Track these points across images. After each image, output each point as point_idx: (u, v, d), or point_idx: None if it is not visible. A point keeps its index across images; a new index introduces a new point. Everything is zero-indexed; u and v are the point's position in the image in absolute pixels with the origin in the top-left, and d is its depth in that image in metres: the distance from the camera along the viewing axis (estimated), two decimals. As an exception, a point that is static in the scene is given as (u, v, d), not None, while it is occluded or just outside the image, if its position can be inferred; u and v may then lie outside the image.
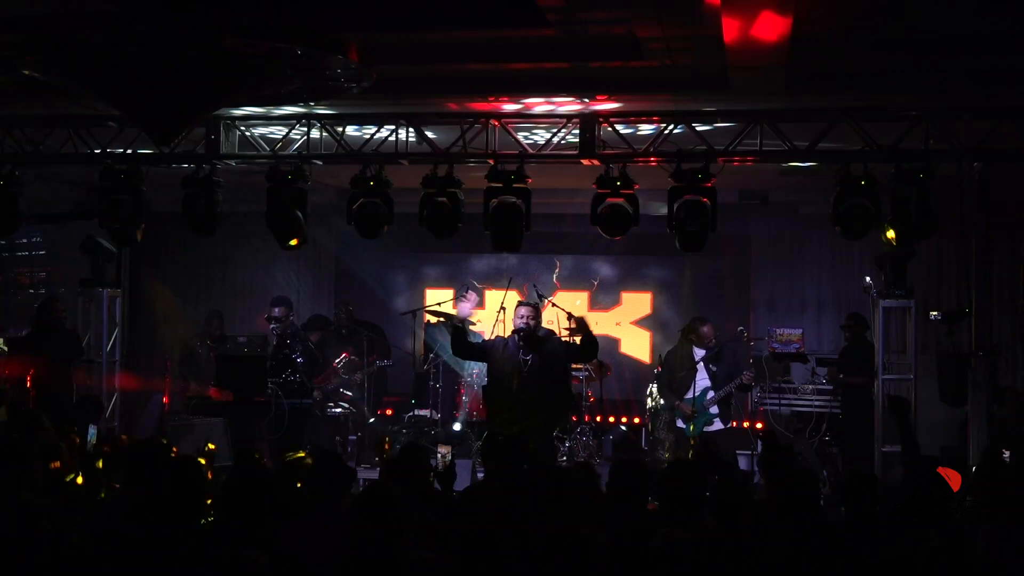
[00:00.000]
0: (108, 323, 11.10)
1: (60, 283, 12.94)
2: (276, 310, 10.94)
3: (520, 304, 9.06)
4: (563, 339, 9.21)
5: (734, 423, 11.02)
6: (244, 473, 5.05)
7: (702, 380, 10.09)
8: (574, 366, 11.10)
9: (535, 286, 12.16)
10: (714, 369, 10.08)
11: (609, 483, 5.56)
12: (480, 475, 8.93)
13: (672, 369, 10.44)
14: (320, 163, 9.82)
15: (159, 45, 6.37)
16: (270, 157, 9.72)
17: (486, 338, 9.87)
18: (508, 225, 9.22)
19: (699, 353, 10.14)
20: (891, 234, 8.76)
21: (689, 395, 10.05)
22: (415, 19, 7.31)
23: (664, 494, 5.26)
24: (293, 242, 9.60)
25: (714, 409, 10.08)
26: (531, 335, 8.66)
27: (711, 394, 10.01)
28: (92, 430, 8.78)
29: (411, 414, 11.80)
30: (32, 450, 5.59)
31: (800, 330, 12.20)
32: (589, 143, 9.24)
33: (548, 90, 8.73)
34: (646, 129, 9.47)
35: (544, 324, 11.68)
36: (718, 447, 9.70)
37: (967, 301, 9.10)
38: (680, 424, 10.26)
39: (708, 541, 4.60)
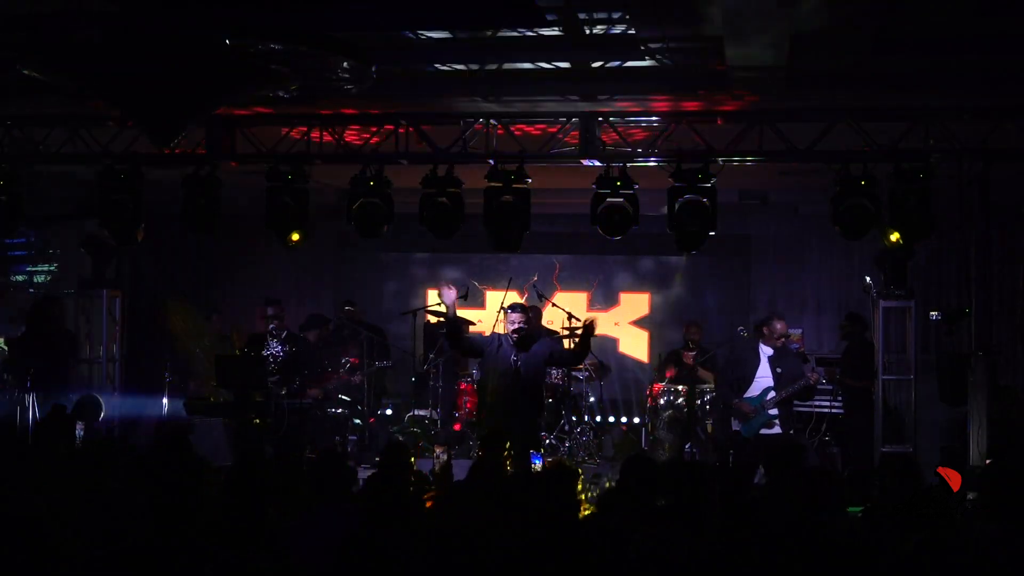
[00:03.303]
0: (108, 323, 11.10)
1: (60, 283, 12.94)
2: (269, 309, 10.96)
3: (511, 310, 9.00)
4: (553, 340, 9.21)
5: None
6: (244, 473, 5.05)
7: (764, 379, 9.76)
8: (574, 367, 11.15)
9: (535, 287, 12.20)
10: (779, 371, 9.74)
11: (619, 480, 5.54)
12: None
13: (736, 366, 10.08)
14: (320, 163, 9.82)
15: (159, 45, 6.37)
16: (270, 157, 9.71)
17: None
18: (507, 225, 9.23)
19: (766, 351, 9.82)
20: (895, 236, 8.74)
21: (748, 394, 9.71)
22: (414, 19, 7.31)
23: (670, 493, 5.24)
24: (295, 237, 9.58)
25: (773, 411, 9.73)
26: (523, 338, 8.67)
27: (771, 394, 9.66)
28: (79, 428, 8.77)
29: (411, 414, 11.81)
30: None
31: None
32: (589, 143, 9.24)
33: (548, 90, 8.73)
34: (646, 129, 9.47)
35: (545, 323, 11.73)
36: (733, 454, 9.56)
37: (967, 301, 9.10)
38: (735, 426, 9.90)
39: (709, 541, 4.61)
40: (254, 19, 6.49)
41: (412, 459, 6.67)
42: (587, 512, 5.35)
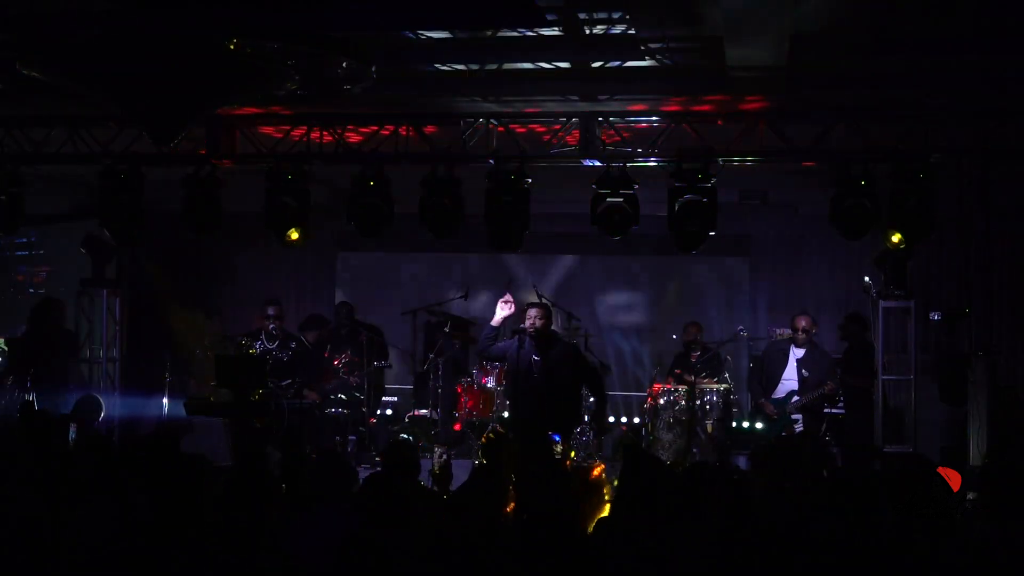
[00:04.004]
0: (108, 323, 11.11)
1: (60, 283, 12.95)
2: (270, 309, 10.98)
3: (529, 305, 9.07)
4: (575, 352, 9.25)
5: None
6: (244, 473, 5.05)
7: (789, 382, 9.70)
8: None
9: (535, 286, 12.19)
10: (805, 374, 9.69)
11: (620, 479, 5.53)
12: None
13: (765, 364, 10.05)
14: (320, 163, 9.82)
15: (160, 45, 6.37)
16: (270, 157, 9.72)
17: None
18: (507, 224, 9.22)
19: (796, 352, 9.77)
20: (896, 238, 8.73)
21: (774, 395, 9.67)
22: (414, 19, 7.31)
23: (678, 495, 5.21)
24: (293, 236, 9.56)
25: (795, 416, 9.69)
26: (539, 336, 8.67)
27: (795, 399, 9.62)
28: (72, 429, 8.78)
29: (411, 414, 11.80)
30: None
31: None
32: (589, 143, 9.24)
33: (548, 90, 8.73)
34: (646, 128, 9.47)
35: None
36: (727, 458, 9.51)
37: (967, 301, 9.10)
38: (758, 424, 9.90)
39: (710, 542, 4.61)
40: (254, 19, 6.49)
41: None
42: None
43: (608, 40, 7.70)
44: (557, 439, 8.75)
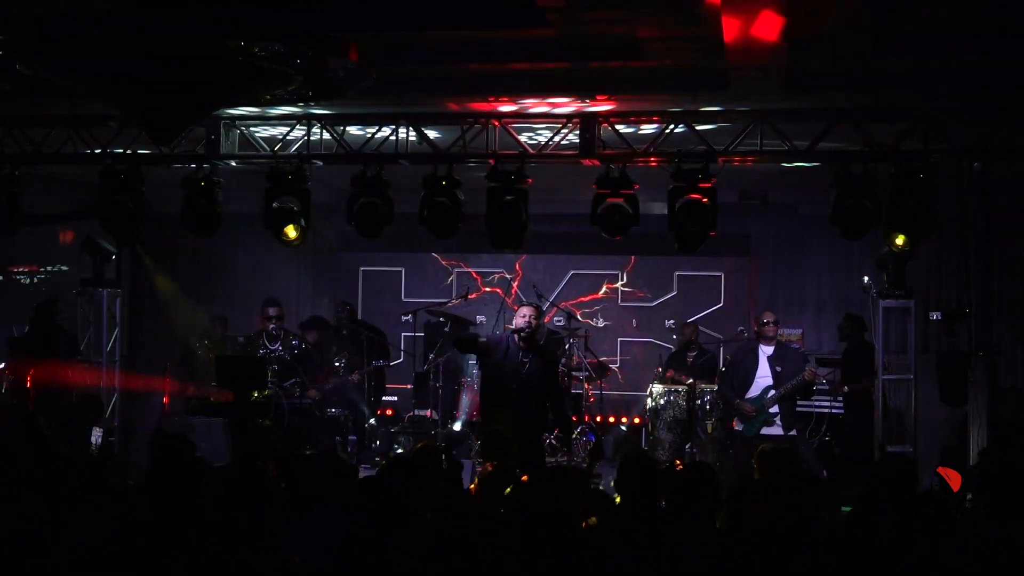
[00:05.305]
0: (108, 323, 11.11)
1: (60, 283, 12.95)
2: (272, 310, 10.98)
3: (523, 304, 9.07)
4: (552, 356, 9.26)
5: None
6: (244, 473, 5.05)
7: (764, 379, 9.77)
8: (574, 359, 11.18)
9: (534, 286, 12.21)
10: (779, 369, 9.76)
11: (618, 480, 5.53)
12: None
13: (737, 366, 10.14)
14: (320, 163, 9.82)
15: (160, 45, 6.37)
16: (270, 157, 9.71)
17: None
18: (508, 224, 9.22)
19: (766, 350, 9.85)
20: (900, 240, 8.71)
21: (749, 394, 9.75)
22: (415, 19, 7.31)
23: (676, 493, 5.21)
24: (291, 234, 9.54)
25: (774, 409, 9.77)
26: (531, 336, 8.65)
27: (772, 393, 9.68)
28: (97, 433, 8.78)
29: (411, 414, 11.81)
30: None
31: (800, 330, 12.22)
32: (589, 143, 9.23)
33: (548, 90, 8.73)
34: (646, 129, 9.47)
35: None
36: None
37: (967, 301, 9.10)
38: (737, 426, 9.99)
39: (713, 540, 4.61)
40: (254, 19, 6.49)
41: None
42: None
43: (608, 40, 7.70)
44: (591, 438, 8.80)
